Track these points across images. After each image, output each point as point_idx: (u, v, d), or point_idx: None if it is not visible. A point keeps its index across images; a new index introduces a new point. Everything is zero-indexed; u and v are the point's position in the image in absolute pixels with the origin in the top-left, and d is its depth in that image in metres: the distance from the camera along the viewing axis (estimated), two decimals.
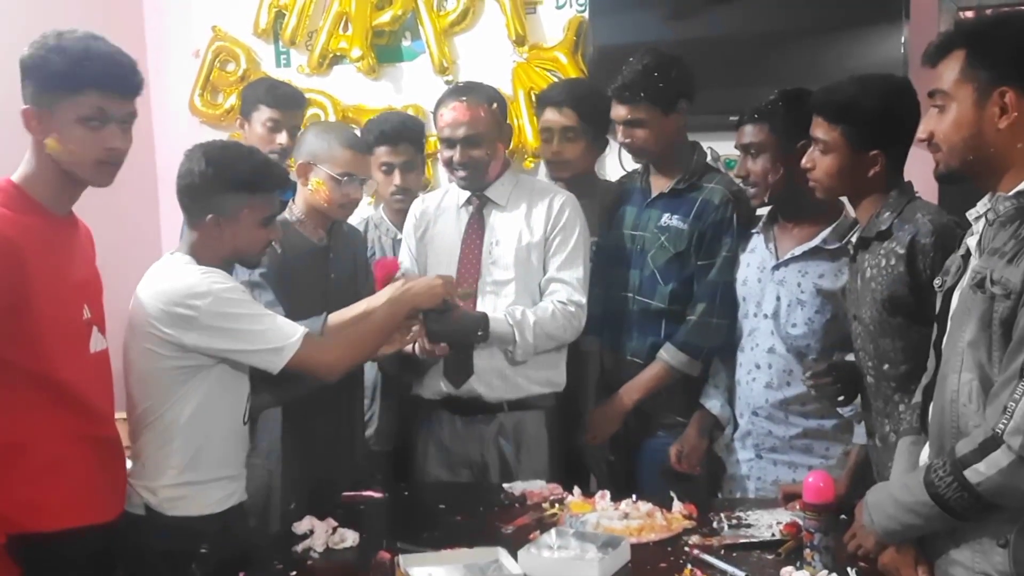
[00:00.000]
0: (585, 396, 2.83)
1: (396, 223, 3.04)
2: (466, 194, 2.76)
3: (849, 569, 1.90)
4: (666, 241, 2.71)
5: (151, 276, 2.12)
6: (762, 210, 2.65)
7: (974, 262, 1.71)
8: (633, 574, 2.00)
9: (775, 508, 2.29)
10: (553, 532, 2.09)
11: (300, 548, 2.15)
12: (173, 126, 4.00)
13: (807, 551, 1.94)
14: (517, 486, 2.51)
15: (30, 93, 1.90)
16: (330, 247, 2.61)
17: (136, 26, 4.07)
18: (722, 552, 2.06)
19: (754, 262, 2.61)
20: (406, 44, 3.85)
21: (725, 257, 2.66)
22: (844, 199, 2.35)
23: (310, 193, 2.54)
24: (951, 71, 1.69)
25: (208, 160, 2.11)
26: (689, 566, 2.00)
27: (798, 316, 2.50)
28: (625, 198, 2.87)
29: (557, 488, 2.47)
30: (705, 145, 2.90)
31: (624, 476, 2.76)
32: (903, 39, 3.12)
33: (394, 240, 3.02)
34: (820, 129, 2.19)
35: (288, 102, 3.17)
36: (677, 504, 2.30)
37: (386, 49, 3.86)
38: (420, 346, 2.56)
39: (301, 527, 2.23)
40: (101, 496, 2.02)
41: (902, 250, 2.07)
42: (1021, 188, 1.65)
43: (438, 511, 2.38)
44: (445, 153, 2.71)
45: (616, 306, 2.78)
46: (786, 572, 1.93)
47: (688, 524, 2.21)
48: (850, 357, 2.29)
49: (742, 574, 1.94)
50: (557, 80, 3.46)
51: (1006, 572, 1.60)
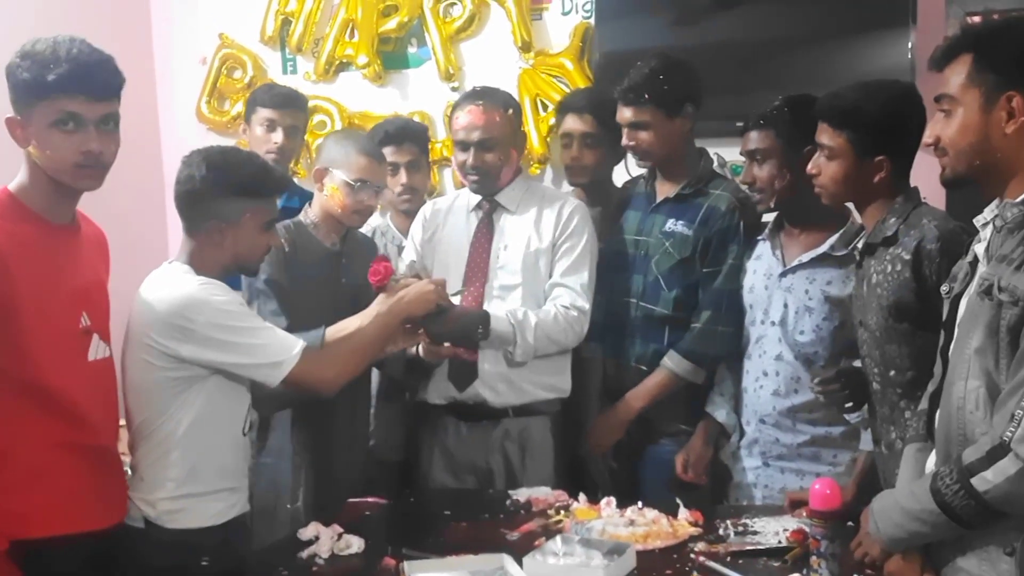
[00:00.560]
0: (588, 403, 2.81)
1: (402, 230, 3.04)
2: (477, 198, 2.77)
3: None
4: (671, 247, 2.69)
5: (148, 286, 2.08)
6: (767, 216, 2.64)
7: (982, 269, 1.70)
8: None
9: (781, 515, 2.28)
10: (558, 539, 2.09)
11: (305, 554, 2.15)
12: (180, 133, 3.98)
13: (813, 558, 1.93)
14: (522, 492, 2.50)
15: (11, 102, 1.90)
16: (343, 253, 2.62)
17: (143, 34, 4.09)
18: (728, 559, 2.05)
19: (761, 269, 2.60)
20: (412, 51, 3.86)
21: (731, 265, 2.65)
22: (850, 204, 2.35)
23: (325, 198, 2.55)
24: (958, 75, 1.69)
25: (209, 165, 2.09)
26: (695, 573, 1.99)
27: (806, 323, 2.49)
28: (629, 203, 2.86)
29: (562, 494, 2.47)
30: (711, 151, 2.88)
31: (627, 484, 2.74)
32: (910, 44, 3.12)
33: (399, 248, 3.02)
34: (825, 135, 2.18)
35: (283, 101, 3.17)
36: (683, 511, 2.29)
37: (392, 56, 3.87)
38: (424, 348, 2.56)
39: (306, 533, 2.22)
40: (91, 503, 1.99)
41: (908, 256, 2.06)
42: None
43: (443, 517, 2.38)
44: (459, 156, 2.72)
45: (619, 312, 2.76)
46: None
47: (694, 531, 2.21)
48: (858, 364, 2.28)
49: None
50: (569, 89, 3.47)
51: None
